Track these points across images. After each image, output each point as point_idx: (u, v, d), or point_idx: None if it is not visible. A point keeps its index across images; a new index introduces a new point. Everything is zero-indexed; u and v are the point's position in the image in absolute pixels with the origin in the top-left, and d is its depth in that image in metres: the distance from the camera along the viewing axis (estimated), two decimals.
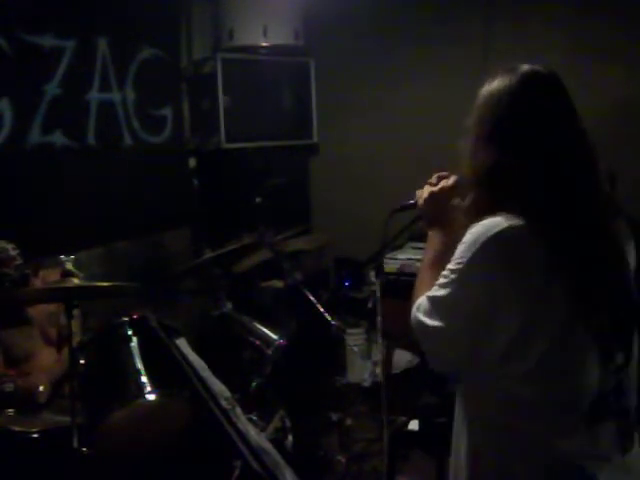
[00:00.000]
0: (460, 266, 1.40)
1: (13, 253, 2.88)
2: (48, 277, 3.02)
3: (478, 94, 1.50)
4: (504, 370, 1.41)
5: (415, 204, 1.73)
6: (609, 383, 1.42)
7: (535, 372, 1.39)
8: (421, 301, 1.48)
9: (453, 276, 1.42)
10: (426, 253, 1.65)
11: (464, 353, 1.44)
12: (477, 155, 1.45)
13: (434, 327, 1.44)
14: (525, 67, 1.46)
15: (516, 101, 1.43)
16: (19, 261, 2.89)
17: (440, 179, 1.67)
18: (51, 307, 3.00)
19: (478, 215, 1.43)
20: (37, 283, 3.03)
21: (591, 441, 1.41)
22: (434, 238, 1.64)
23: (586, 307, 1.38)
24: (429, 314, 1.45)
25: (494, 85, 1.47)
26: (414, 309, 1.50)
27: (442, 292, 1.43)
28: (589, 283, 1.38)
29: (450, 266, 1.43)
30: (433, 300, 1.45)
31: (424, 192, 1.68)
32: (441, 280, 1.45)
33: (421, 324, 1.47)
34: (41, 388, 2.79)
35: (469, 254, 1.39)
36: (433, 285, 1.48)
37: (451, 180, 1.65)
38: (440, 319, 1.43)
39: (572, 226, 1.38)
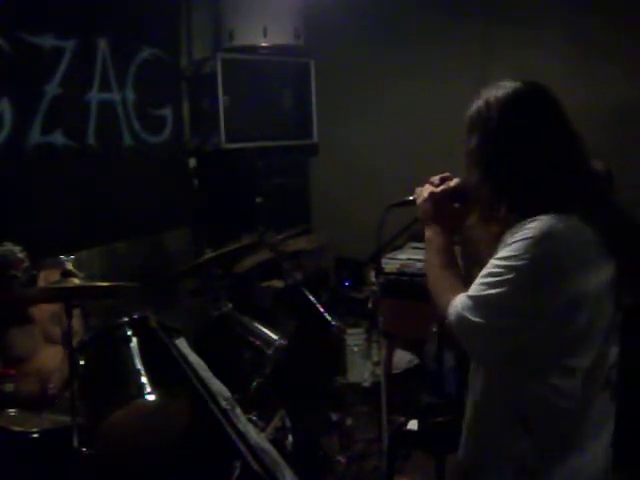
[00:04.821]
0: (520, 263, 1.39)
1: (21, 255, 2.89)
2: (49, 277, 3.02)
3: (465, 116, 1.55)
4: (551, 369, 1.45)
5: (414, 201, 1.73)
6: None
7: (583, 371, 1.44)
8: (461, 300, 1.47)
9: (510, 275, 1.40)
10: (431, 254, 1.64)
11: (512, 350, 1.45)
12: (489, 166, 1.50)
13: (484, 325, 1.43)
14: (510, 82, 1.53)
15: (511, 108, 1.49)
16: (27, 263, 2.90)
17: (443, 180, 1.67)
18: (54, 306, 3.00)
19: (495, 218, 1.50)
20: (40, 283, 3.03)
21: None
22: (435, 238, 1.64)
23: (628, 289, 1.47)
24: (477, 312, 1.43)
25: (488, 99, 1.52)
26: (453, 308, 1.48)
27: (495, 290, 1.42)
28: (630, 271, 1.46)
29: (503, 263, 1.42)
30: (481, 298, 1.44)
31: (424, 191, 1.68)
32: (489, 279, 1.43)
33: (469, 323, 1.44)
34: (52, 384, 2.83)
35: (531, 254, 1.39)
36: (457, 284, 1.51)
37: (453, 182, 1.65)
38: (495, 317, 1.42)
39: (608, 219, 1.46)
